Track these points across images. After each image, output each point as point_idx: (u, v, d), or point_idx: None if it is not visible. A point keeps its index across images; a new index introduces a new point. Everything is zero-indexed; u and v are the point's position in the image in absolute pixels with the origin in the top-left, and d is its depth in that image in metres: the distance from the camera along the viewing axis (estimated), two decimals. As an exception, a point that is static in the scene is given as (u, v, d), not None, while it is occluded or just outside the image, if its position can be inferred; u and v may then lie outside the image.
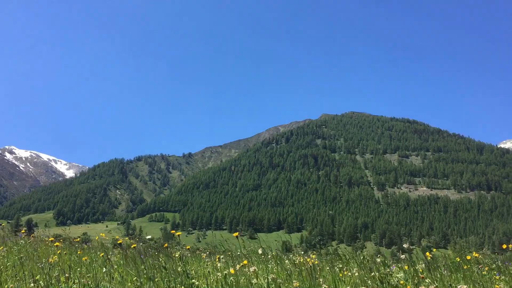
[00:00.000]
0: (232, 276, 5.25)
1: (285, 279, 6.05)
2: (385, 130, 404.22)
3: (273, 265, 7.02)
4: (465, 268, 8.03)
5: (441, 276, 7.90)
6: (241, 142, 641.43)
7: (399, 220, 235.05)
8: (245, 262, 5.68)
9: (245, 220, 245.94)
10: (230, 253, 8.37)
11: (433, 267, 8.91)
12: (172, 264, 5.31)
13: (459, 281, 6.98)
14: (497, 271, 9.80)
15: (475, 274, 8.07)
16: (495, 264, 11.45)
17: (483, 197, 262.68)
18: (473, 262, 10.58)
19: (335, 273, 6.56)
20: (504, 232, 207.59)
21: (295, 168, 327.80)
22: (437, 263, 9.07)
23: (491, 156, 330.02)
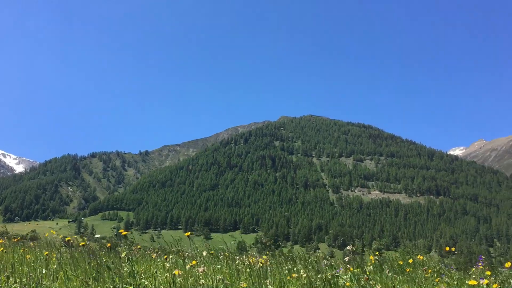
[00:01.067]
0: (181, 277, 5.22)
1: (233, 279, 6.08)
2: (341, 134, 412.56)
3: (224, 266, 7.03)
4: (408, 271, 8.32)
5: (386, 278, 8.18)
6: (199, 142, 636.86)
7: (352, 223, 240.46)
8: (194, 263, 5.66)
9: (201, 220, 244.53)
10: (181, 253, 8.31)
11: (380, 269, 9.20)
12: (119, 264, 5.23)
13: (402, 283, 7.24)
14: (440, 274, 10.24)
15: (418, 276, 8.41)
16: (438, 267, 11.95)
17: (432, 201, 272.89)
18: (419, 265, 11.01)
19: (283, 274, 6.65)
20: (451, 235, 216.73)
21: (252, 169, 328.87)
22: (383, 265, 9.36)
23: (441, 163, 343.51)
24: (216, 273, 5.82)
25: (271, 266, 7.82)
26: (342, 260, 10.08)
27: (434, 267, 10.76)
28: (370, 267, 9.37)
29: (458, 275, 11.47)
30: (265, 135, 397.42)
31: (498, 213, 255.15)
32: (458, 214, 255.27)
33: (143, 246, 14.33)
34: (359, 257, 10.66)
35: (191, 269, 5.69)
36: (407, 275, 8.34)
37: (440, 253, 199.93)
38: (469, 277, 10.08)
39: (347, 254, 9.54)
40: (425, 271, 8.70)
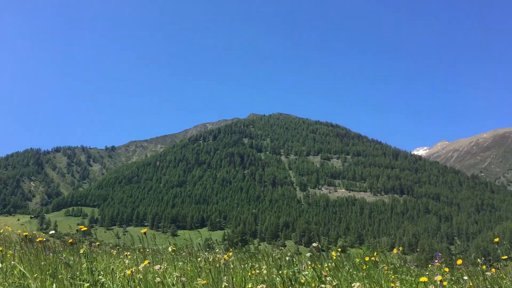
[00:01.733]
0: (140, 274, 5.19)
1: (193, 276, 6.08)
2: (309, 132, 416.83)
3: (187, 263, 7.02)
4: (365, 268, 8.52)
5: (347, 274, 8.36)
6: (167, 138, 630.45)
7: (319, 220, 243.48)
8: (146, 262, 5.62)
9: (168, 216, 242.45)
10: (142, 250, 8.25)
11: (340, 265, 9.39)
12: (77, 261, 5.14)
13: (361, 280, 7.42)
14: (399, 271, 10.53)
15: (377, 273, 8.62)
16: (399, 264, 12.29)
17: (396, 200, 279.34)
18: (380, 262, 11.28)
19: (245, 271, 6.70)
20: (414, 233, 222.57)
21: (221, 166, 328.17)
22: (344, 262, 9.57)
23: (405, 162, 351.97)
24: (177, 270, 5.81)
25: (233, 263, 7.86)
26: (305, 257, 10.25)
27: (394, 264, 11.08)
28: (332, 263, 9.54)
29: (416, 271, 11.84)
30: (234, 132, 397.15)
31: (459, 212, 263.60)
32: (420, 212, 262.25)
33: (107, 243, 14.14)
34: (324, 254, 10.84)
35: (150, 266, 5.65)
36: (366, 272, 8.55)
37: (403, 251, 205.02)
38: (425, 273, 10.42)
39: (311, 251, 9.71)
40: (384, 268, 8.92)
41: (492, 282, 9.42)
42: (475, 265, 14.14)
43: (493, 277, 10.11)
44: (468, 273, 11.30)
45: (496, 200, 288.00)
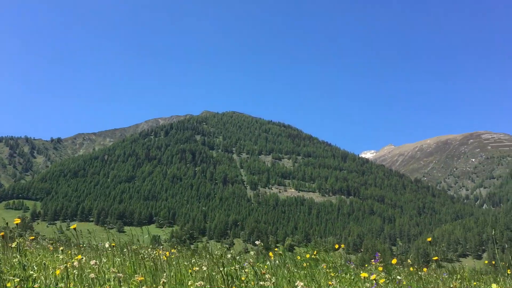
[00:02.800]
0: (76, 269, 5.07)
1: (131, 273, 6.02)
2: (262, 132, 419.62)
3: (123, 259, 6.92)
4: (305, 265, 8.73)
5: (288, 273, 8.53)
6: (117, 131, 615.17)
7: (268, 219, 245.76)
8: (79, 257, 5.51)
9: (114, 212, 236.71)
10: (82, 245, 8.04)
11: (283, 263, 9.56)
12: (9, 256, 5.02)
13: (301, 278, 7.60)
14: (340, 269, 10.85)
15: (318, 271, 8.86)
16: (340, 263, 12.64)
17: (343, 201, 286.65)
18: (322, 261, 11.57)
19: (186, 268, 6.69)
20: (358, 234, 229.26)
21: (172, 162, 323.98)
22: (286, 260, 9.75)
23: (353, 164, 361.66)
24: (116, 266, 5.72)
25: (176, 260, 7.82)
26: (249, 255, 10.36)
27: (334, 263, 11.40)
28: (276, 262, 9.69)
29: (356, 270, 12.22)
30: (186, 128, 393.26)
31: (402, 214, 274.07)
32: (366, 214, 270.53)
33: (47, 237, 13.66)
34: (271, 252, 10.99)
35: (87, 261, 5.54)
36: (306, 270, 8.76)
37: (348, 251, 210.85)
38: (367, 272, 10.79)
39: (256, 250, 9.83)
40: (324, 267, 9.17)
41: (425, 282, 9.91)
42: (414, 265, 14.78)
43: (426, 277, 10.63)
44: (403, 273, 11.82)
45: (437, 204, 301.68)
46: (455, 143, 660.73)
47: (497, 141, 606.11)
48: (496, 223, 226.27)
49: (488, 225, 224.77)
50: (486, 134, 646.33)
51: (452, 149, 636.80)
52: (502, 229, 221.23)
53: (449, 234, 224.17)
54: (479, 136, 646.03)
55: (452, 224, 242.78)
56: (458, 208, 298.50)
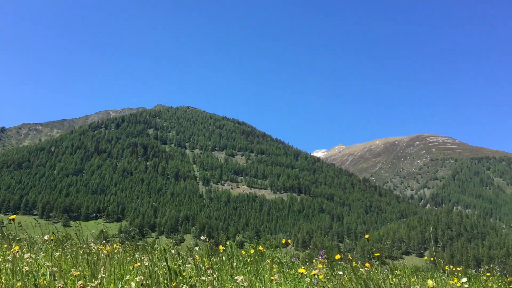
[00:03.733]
0: (9, 263, 5.00)
1: (68, 267, 5.85)
2: (216, 128, 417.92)
3: (62, 253, 6.72)
4: (249, 261, 8.82)
5: (232, 268, 8.58)
6: (65, 122, 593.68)
7: (219, 215, 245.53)
8: (16, 248, 5.32)
9: (60, 206, 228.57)
10: (19, 239, 7.74)
11: (231, 259, 9.60)
12: None
13: (245, 273, 7.67)
14: (285, 265, 11.03)
15: (262, 267, 8.97)
16: (286, 259, 12.85)
17: (294, 198, 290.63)
18: (268, 256, 11.72)
19: (127, 263, 6.59)
20: (308, 231, 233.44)
21: (122, 156, 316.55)
22: (231, 256, 9.80)
23: (305, 163, 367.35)
24: (53, 260, 5.54)
25: (118, 255, 7.69)
26: (195, 251, 10.35)
27: (280, 259, 11.58)
28: (221, 257, 9.71)
29: (301, 265, 12.45)
30: (139, 122, 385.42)
31: (350, 212, 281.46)
32: (315, 211, 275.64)
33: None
34: (221, 246, 11.00)
35: (21, 255, 5.34)
36: (252, 265, 8.85)
37: (297, 248, 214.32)
38: (310, 268, 11.04)
39: (200, 245, 9.82)
40: (268, 262, 9.29)
41: (366, 278, 10.24)
42: (356, 261, 15.21)
43: (368, 273, 10.98)
44: (346, 269, 12.16)
45: (383, 203, 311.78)
46: (402, 144, 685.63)
47: (441, 143, 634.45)
48: (438, 223, 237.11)
49: (431, 224, 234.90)
50: (431, 137, 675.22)
51: (399, 150, 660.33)
52: (444, 228, 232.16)
53: (393, 232, 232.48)
54: (424, 138, 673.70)
55: (397, 223, 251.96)
56: (403, 207, 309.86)
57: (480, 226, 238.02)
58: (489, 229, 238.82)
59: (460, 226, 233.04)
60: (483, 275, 14.12)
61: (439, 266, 15.35)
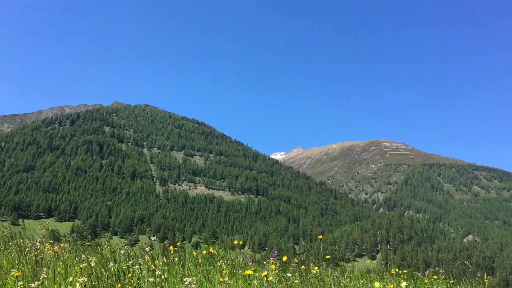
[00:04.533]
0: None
1: (8, 268, 5.66)
2: (175, 127, 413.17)
3: (4, 252, 6.48)
4: (200, 262, 8.82)
5: (183, 269, 8.54)
6: (17, 117, 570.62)
7: (176, 216, 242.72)
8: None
9: (9, 203, 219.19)
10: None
11: (179, 260, 9.55)
12: None
13: (196, 274, 7.66)
14: (235, 266, 11.08)
15: (212, 268, 8.99)
16: (239, 260, 12.90)
17: (251, 200, 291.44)
18: (220, 257, 11.74)
19: (73, 263, 6.44)
20: (264, 233, 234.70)
21: (77, 153, 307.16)
22: (184, 257, 9.76)
23: (263, 165, 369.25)
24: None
25: (65, 255, 7.49)
26: (146, 251, 10.22)
27: (233, 260, 11.62)
28: (174, 258, 9.63)
29: (253, 267, 12.53)
30: (95, 119, 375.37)
31: (306, 215, 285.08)
32: (272, 213, 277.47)
33: None
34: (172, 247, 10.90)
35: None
36: (203, 266, 8.84)
37: (253, 249, 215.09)
38: (262, 269, 11.14)
39: (150, 245, 9.72)
40: (219, 264, 9.31)
41: (317, 279, 10.44)
42: (307, 263, 15.47)
43: (318, 275, 11.19)
44: (297, 271, 12.34)
45: (338, 206, 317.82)
46: (358, 149, 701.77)
47: (395, 149, 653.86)
48: (390, 226, 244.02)
49: (383, 228, 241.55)
50: (386, 143, 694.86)
51: (355, 155, 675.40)
52: (395, 232, 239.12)
53: (347, 235, 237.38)
54: (379, 144, 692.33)
55: (351, 226, 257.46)
56: (357, 210, 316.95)
57: (430, 230, 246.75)
58: (438, 233, 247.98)
59: (411, 229, 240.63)
60: (428, 277, 14.69)
61: (389, 268, 15.87)
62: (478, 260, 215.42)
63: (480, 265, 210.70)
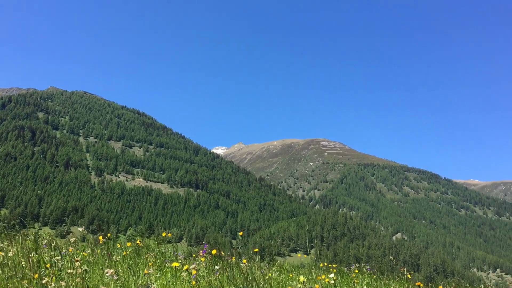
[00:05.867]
0: None
1: None
2: (114, 117, 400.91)
3: None
4: (125, 254, 8.78)
5: (110, 262, 8.46)
6: None
7: (111, 207, 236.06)
8: None
9: None
10: None
11: (108, 252, 9.43)
12: None
13: (117, 267, 7.62)
14: (167, 259, 11.10)
15: (140, 260, 8.97)
16: (169, 253, 12.90)
17: (190, 194, 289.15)
18: (148, 250, 11.69)
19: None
20: (202, 227, 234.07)
21: (7, 139, 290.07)
22: (111, 249, 9.66)
23: (204, 159, 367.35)
24: None
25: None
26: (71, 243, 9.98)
27: (163, 253, 11.61)
28: (102, 250, 9.50)
29: (184, 260, 12.59)
30: (28, 103, 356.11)
31: (244, 210, 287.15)
32: (211, 207, 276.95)
33: None
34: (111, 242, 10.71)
35: None
36: (131, 259, 8.80)
37: (190, 243, 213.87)
38: (194, 262, 11.23)
39: (83, 237, 9.52)
40: (146, 256, 9.31)
41: (246, 273, 10.67)
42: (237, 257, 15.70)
43: (247, 268, 11.44)
44: (226, 264, 12.53)
45: (276, 202, 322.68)
46: (298, 147, 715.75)
47: (333, 148, 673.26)
48: (324, 223, 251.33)
49: (318, 224, 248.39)
50: (324, 142, 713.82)
51: (295, 153, 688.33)
52: (329, 228, 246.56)
53: (284, 230, 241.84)
54: (318, 142, 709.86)
55: (288, 221, 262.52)
56: (294, 206, 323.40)
57: (362, 228, 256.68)
58: (369, 230, 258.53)
59: (344, 226, 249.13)
60: (353, 272, 15.53)
61: (317, 263, 16.51)
62: (405, 257, 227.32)
63: (406, 262, 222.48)
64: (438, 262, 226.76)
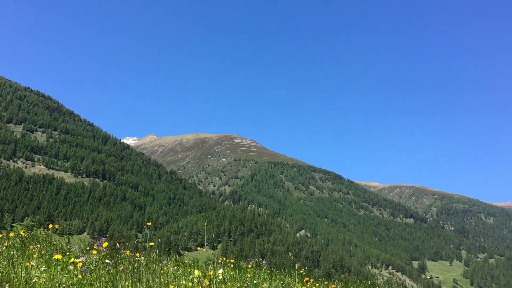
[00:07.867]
0: None
1: None
2: (15, 98, 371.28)
3: None
4: (6, 244, 8.42)
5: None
6: None
7: (7, 195, 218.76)
8: None
9: None
10: None
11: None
12: None
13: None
14: (57, 251, 10.75)
15: (26, 252, 8.62)
16: (61, 245, 12.50)
17: (96, 184, 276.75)
18: (41, 241, 11.21)
19: None
20: (107, 219, 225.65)
21: None
22: None
23: (113, 148, 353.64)
24: None
25: None
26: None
27: (54, 244, 11.21)
28: None
29: (78, 253, 12.27)
30: None
31: (153, 203, 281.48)
32: (117, 199, 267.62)
33: None
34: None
35: None
36: (15, 251, 8.42)
37: (93, 235, 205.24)
38: (90, 256, 10.97)
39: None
40: (31, 247, 8.97)
41: (142, 266, 10.66)
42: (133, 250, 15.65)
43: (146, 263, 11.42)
44: (121, 257, 12.40)
45: (186, 196, 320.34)
46: (211, 142, 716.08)
47: (245, 145, 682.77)
48: (233, 218, 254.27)
49: (226, 219, 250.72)
50: (238, 138, 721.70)
51: (208, 147, 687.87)
52: (237, 224, 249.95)
53: (192, 225, 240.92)
54: (232, 139, 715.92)
55: (196, 216, 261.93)
56: (204, 201, 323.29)
57: (268, 224, 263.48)
58: (275, 227, 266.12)
59: (251, 222, 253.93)
60: (251, 267, 16.20)
61: (215, 258, 16.95)
62: (307, 253, 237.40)
63: (308, 258, 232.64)
64: (337, 259, 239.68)
